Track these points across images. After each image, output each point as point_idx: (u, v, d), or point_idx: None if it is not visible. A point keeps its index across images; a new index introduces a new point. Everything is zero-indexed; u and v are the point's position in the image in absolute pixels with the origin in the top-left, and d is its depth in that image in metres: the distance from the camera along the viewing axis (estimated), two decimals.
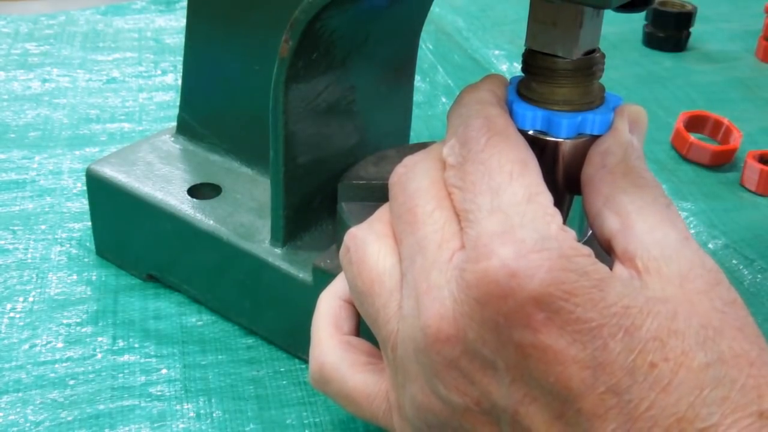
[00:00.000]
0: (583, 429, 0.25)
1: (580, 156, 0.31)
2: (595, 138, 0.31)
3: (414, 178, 0.31)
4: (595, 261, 0.26)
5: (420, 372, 0.28)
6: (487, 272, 0.26)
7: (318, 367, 0.34)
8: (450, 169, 0.29)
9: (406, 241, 0.30)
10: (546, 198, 0.28)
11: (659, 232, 0.28)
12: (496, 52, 0.84)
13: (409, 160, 0.32)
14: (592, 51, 0.32)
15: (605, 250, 0.29)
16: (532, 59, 0.32)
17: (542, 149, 0.31)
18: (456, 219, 0.28)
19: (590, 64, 0.32)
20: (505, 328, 0.26)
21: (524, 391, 0.26)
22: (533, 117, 0.31)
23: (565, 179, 0.32)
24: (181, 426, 0.41)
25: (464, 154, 0.29)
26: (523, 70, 0.33)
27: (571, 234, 0.27)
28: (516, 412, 0.27)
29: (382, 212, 0.33)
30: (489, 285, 0.26)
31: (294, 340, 0.45)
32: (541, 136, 0.31)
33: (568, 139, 0.31)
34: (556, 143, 0.31)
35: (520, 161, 0.28)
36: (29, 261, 0.51)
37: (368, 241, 0.31)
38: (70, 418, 0.41)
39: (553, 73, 0.31)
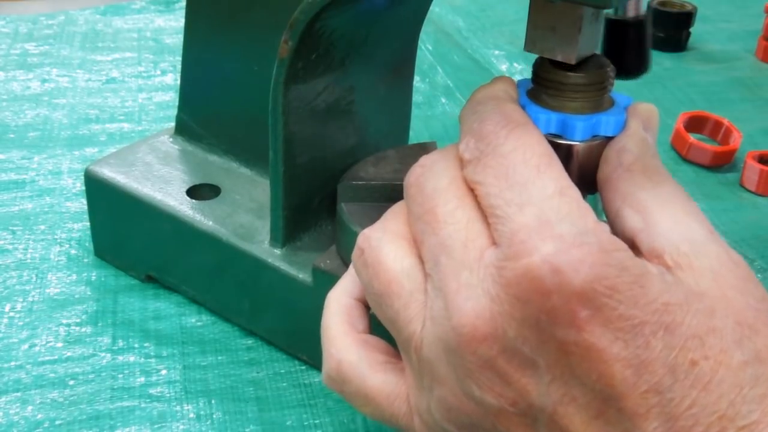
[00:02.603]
0: (624, 428, 0.25)
1: (594, 159, 0.31)
2: (608, 140, 0.31)
3: (432, 177, 0.30)
4: (632, 255, 0.26)
5: (451, 373, 0.28)
6: (529, 269, 0.25)
7: (335, 365, 0.33)
8: (468, 165, 0.29)
9: (428, 242, 0.29)
10: (576, 191, 0.27)
11: (684, 226, 0.27)
12: (496, 52, 0.84)
13: (425, 160, 0.31)
14: (604, 66, 0.32)
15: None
16: (543, 72, 0.32)
17: (556, 153, 0.31)
18: (479, 217, 0.28)
19: (602, 79, 0.32)
20: (547, 325, 0.25)
21: (564, 390, 0.26)
22: (547, 120, 0.31)
23: (579, 183, 0.32)
24: (181, 427, 0.41)
25: (482, 148, 0.28)
26: (533, 81, 0.32)
27: (606, 227, 0.26)
28: (554, 412, 0.26)
29: (395, 212, 0.32)
30: (531, 282, 0.25)
31: (294, 341, 0.44)
32: (555, 140, 0.31)
33: (582, 141, 0.31)
34: (571, 146, 0.31)
35: (545, 154, 0.28)
36: (29, 261, 0.51)
37: (383, 242, 0.31)
38: (70, 419, 0.41)
39: (565, 86, 0.31)
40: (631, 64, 0.35)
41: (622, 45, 0.35)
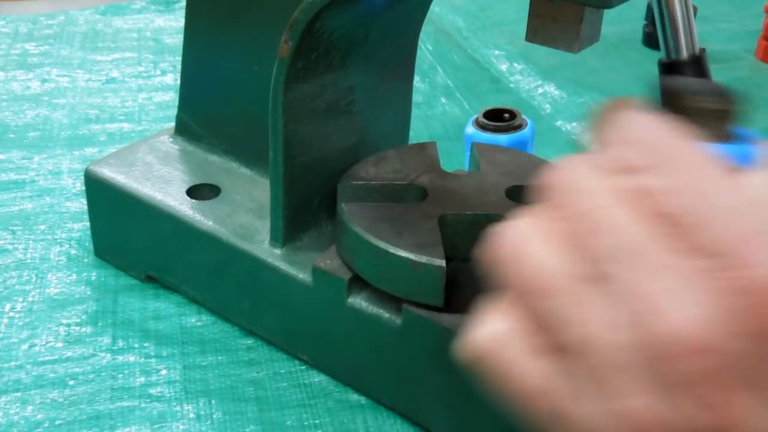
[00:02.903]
0: None
1: None
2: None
3: (586, 180, 0.28)
4: None
5: (644, 386, 0.26)
6: (756, 280, 0.24)
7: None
8: (638, 173, 0.27)
9: (593, 245, 0.27)
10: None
11: None
12: (496, 52, 0.84)
13: (568, 164, 0.29)
14: (724, 92, 0.31)
15: None
16: (672, 100, 0.31)
17: None
18: (653, 222, 0.26)
19: (731, 106, 0.31)
20: None
21: None
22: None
23: None
24: (181, 427, 0.41)
25: (651, 155, 0.27)
26: (664, 110, 0.31)
27: None
28: None
29: (540, 209, 0.29)
30: (759, 294, 0.24)
31: (294, 341, 0.44)
32: None
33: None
34: None
35: (718, 163, 0.26)
36: (29, 261, 0.51)
37: (534, 237, 0.28)
38: (70, 419, 0.41)
39: (700, 112, 0.30)
40: None
41: None
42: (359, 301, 0.40)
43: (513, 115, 0.56)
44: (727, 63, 0.83)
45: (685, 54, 0.34)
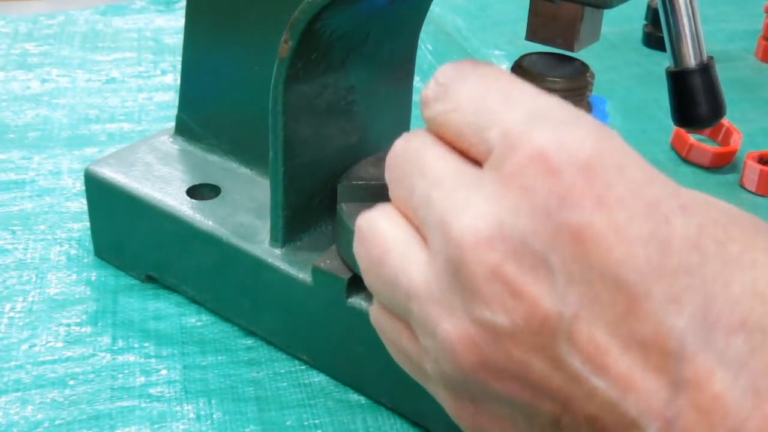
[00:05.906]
0: (656, 321, 0.23)
1: None
2: None
3: (410, 142, 0.30)
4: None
5: (458, 301, 0.25)
6: (533, 152, 0.24)
7: None
8: (436, 100, 0.29)
9: (417, 190, 0.28)
10: (555, 96, 0.26)
11: None
12: (496, 52, 0.84)
13: (400, 140, 0.31)
14: (585, 69, 0.32)
15: None
16: (525, 78, 0.32)
17: None
18: (463, 158, 0.27)
19: (582, 86, 0.32)
20: (559, 210, 0.23)
21: (582, 291, 0.23)
22: None
23: None
24: (181, 427, 0.41)
25: (447, 80, 0.28)
26: None
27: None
28: (574, 325, 0.23)
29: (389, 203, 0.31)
30: (537, 164, 0.24)
31: (294, 341, 0.44)
32: None
33: None
34: None
35: (509, 75, 0.27)
36: (28, 261, 0.51)
37: (378, 219, 0.30)
38: (70, 419, 0.41)
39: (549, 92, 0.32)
40: (705, 113, 0.35)
41: (693, 95, 0.34)
42: (359, 301, 0.40)
43: None
44: (727, 63, 0.83)
45: (692, 62, 0.34)
